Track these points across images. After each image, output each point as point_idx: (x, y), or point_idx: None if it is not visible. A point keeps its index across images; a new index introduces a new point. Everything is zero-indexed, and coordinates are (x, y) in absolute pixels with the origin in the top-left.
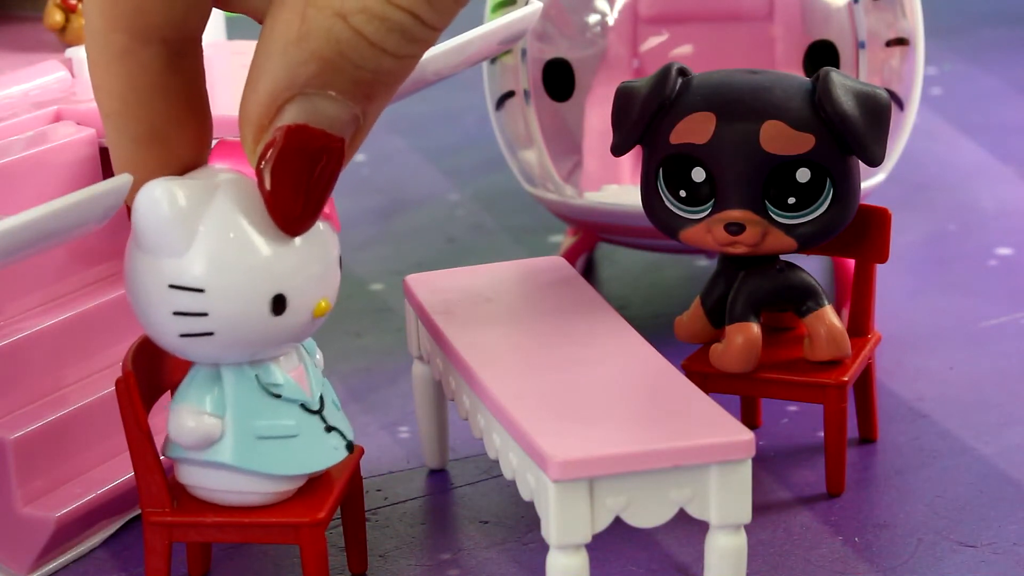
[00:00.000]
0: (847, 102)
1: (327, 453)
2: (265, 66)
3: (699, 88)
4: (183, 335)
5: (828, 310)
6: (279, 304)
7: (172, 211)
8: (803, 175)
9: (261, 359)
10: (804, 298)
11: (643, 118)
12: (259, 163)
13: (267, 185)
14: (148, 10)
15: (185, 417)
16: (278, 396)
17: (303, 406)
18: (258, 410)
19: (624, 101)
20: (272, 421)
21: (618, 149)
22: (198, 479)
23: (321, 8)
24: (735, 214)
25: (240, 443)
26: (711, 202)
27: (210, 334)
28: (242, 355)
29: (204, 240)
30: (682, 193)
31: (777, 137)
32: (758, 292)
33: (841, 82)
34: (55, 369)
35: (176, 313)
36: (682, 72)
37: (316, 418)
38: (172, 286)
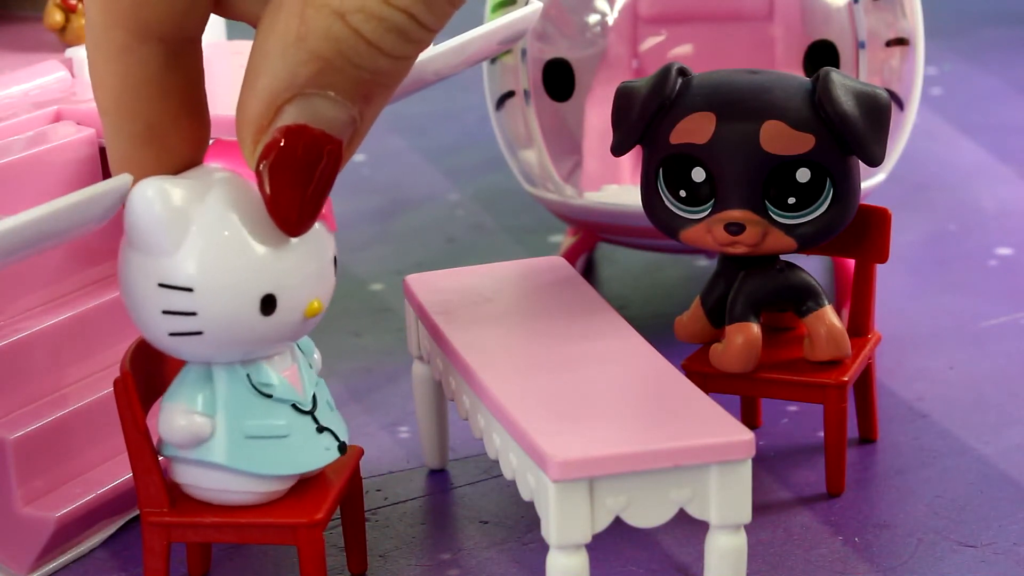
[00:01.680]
0: (847, 102)
1: (318, 454)
2: (264, 67)
3: (699, 88)
4: (172, 334)
5: (828, 310)
6: (268, 304)
7: (164, 210)
8: (803, 175)
9: (253, 358)
10: (804, 298)
11: (643, 118)
12: (258, 164)
13: (267, 187)
14: (147, 7)
15: (175, 416)
16: (269, 396)
17: (295, 406)
18: (249, 410)
19: (624, 101)
20: (263, 421)
21: (618, 149)
22: (190, 478)
23: (319, 8)
24: (735, 214)
25: (231, 443)
26: (711, 202)
27: (199, 333)
28: (233, 354)
29: (195, 239)
30: (682, 193)
31: (777, 137)
32: (758, 292)
33: (841, 82)
34: (55, 369)
35: (166, 312)
36: (682, 72)
37: (308, 418)
38: (162, 285)
